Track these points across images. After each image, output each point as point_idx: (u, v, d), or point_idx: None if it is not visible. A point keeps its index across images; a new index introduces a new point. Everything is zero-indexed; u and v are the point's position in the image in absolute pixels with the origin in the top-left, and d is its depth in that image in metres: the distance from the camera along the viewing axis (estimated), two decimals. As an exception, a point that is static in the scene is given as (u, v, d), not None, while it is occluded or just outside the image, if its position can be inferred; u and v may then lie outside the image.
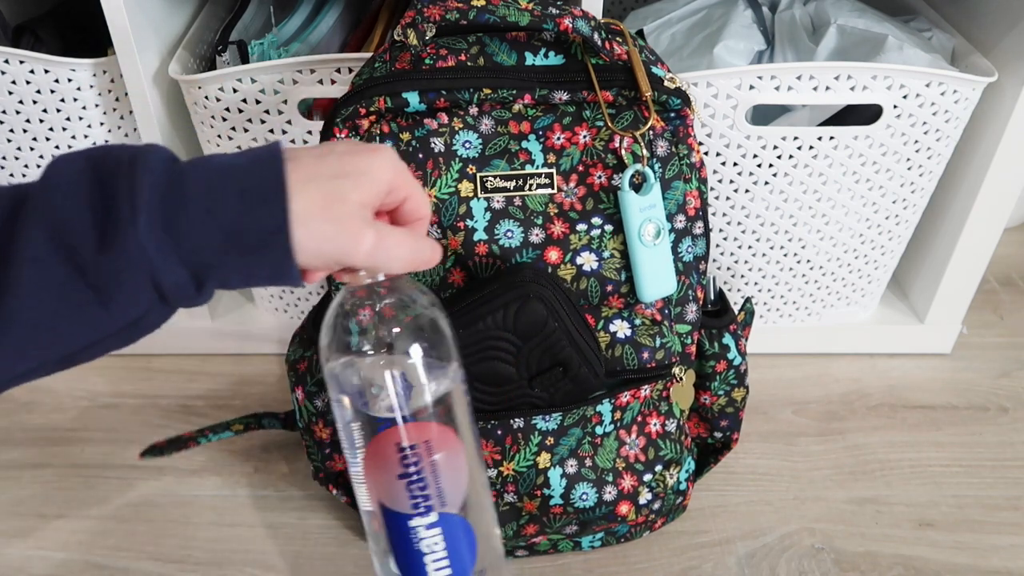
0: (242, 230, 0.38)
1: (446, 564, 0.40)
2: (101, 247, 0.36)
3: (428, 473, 0.40)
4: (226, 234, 0.38)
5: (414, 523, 0.40)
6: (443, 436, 0.41)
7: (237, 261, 0.39)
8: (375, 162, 0.42)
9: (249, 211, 0.38)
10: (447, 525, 0.40)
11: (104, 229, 0.36)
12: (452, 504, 0.41)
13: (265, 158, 0.39)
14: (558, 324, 0.57)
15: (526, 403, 0.59)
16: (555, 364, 0.57)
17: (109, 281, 0.36)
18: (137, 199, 0.36)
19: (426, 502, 0.40)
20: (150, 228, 0.36)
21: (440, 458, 0.41)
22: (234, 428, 0.76)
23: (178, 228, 0.37)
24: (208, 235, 0.38)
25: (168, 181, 0.37)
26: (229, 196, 0.38)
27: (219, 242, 0.38)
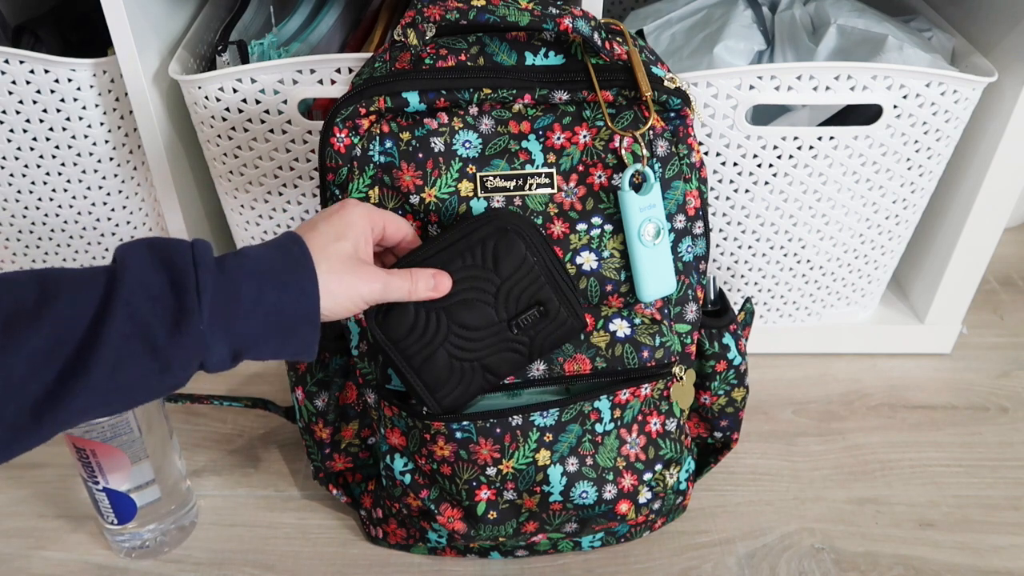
0: (281, 319, 0.48)
1: (111, 511, 0.68)
2: (173, 333, 0.44)
3: (94, 464, 0.65)
4: (268, 323, 0.47)
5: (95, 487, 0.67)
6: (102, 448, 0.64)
7: (272, 342, 0.48)
8: (351, 212, 0.53)
9: (289, 303, 0.48)
10: (111, 494, 0.67)
11: (177, 319, 0.44)
12: (116, 483, 0.66)
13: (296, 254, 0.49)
14: (536, 259, 0.56)
15: (508, 350, 0.57)
16: (534, 304, 0.56)
17: (174, 359, 0.45)
18: (203, 295, 0.45)
19: (93, 479, 0.66)
20: (212, 319, 0.45)
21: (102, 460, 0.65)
22: (243, 401, 0.79)
23: (232, 318, 0.46)
24: (254, 323, 0.47)
25: (224, 278, 0.46)
26: (271, 290, 0.47)
27: (263, 326, 0.47)
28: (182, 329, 0.44)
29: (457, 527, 0.64)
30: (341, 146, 0.60)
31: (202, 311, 0.45)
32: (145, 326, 0.44)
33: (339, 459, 0.71)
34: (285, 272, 0.48)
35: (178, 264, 0.45)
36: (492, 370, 0.57)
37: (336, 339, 0.66)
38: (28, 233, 0.86)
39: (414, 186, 0.60)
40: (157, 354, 0.44)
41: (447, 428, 0.60)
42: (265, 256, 0.48)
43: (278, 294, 0.47)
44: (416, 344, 0.56)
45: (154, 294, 0.44)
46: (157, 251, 0.46)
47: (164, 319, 0.44)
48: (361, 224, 0.53)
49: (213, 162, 0.79)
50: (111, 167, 0.81)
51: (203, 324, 0.45)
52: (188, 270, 0.45)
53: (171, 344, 0.44)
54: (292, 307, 0.48)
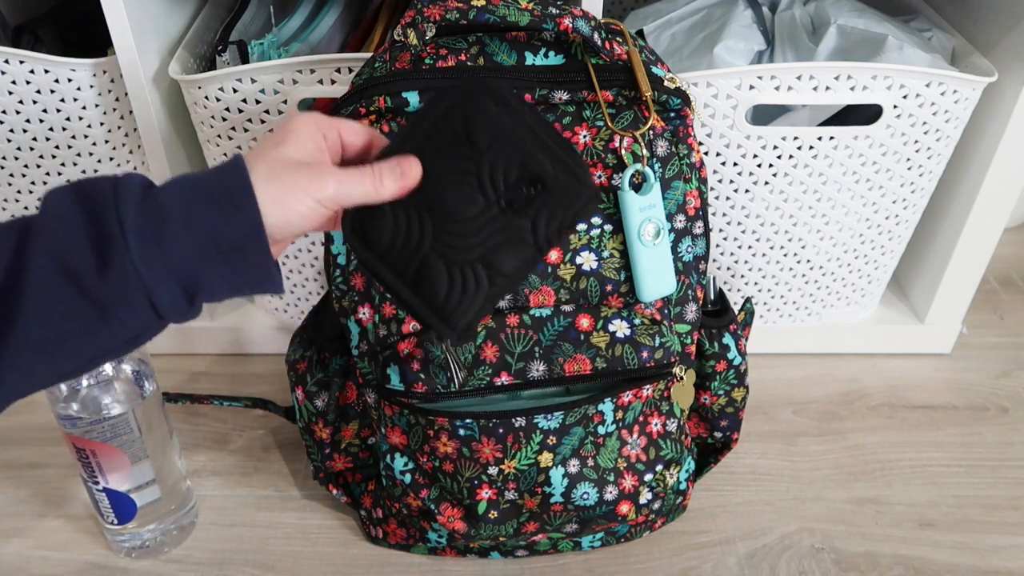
0: (220, 237, 0.42)
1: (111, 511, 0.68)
2: (100, 270, 0.40)
3: (94, 465, 0.65)
4: (207, 243, 0.42)
5: (95, 487, 0.67)
6: (102, 448, 0.64)
7: (222, 268, 0.42)
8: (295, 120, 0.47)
9: (224, 219, 0.42)
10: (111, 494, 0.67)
11: (100, 252, 0.40)
12: (116, 483, 0.66)
13: (228, 168, 0.43)
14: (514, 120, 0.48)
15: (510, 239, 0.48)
16: (525, 175, 0.48)
17: (109, 300, 0.40)
18: (125, 222, 0.40)
19: (93, 479, 0.66)
20: (140, 246, 0.40)
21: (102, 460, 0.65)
22: (243, 401, 0.79)
23: (163, 244, 0.41)
24: (191, 246, 0.41)
25: (148, 204, 0.41)
26: (202, 208, 0.42)
27: (202, 252, 0.41)
28: (108, 262, 0.40)
29: (457, 527, 0.64)
30: (341, 146, 0.60)
31: (126, 240, 0.40)
32: (67, 263, 0.40)
33: (339, 459, 0.71)
34: (215, 186, 0.42)
35: (97, 195, 0.41)
36: (497, 268, 0.48)
37: (336, 339, 0.66)
38: (28, 233, 0.86)
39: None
40: (88, 295, 0.40)
41: (450, 424, 0.60)
42: (194, 176, 0.43)
43: (208, 210, 0.42)
44: (403, 253, 0.48)
45: (73, 228, 0.40)
46: (78, 186, 0.42)
47: (86, 253, 0.40)
48: (307, 129, 0.47)
49: (213, 162, 0.79)
50: (111, 167, 0.81)
51: (132, 255, 0.40)
52: (108, 198, 0.40)
53: (101, 281, 0.40)
54: (230, 224, 0.42)
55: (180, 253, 0.41)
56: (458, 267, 0.48)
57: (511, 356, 0.59)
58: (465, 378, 0.58)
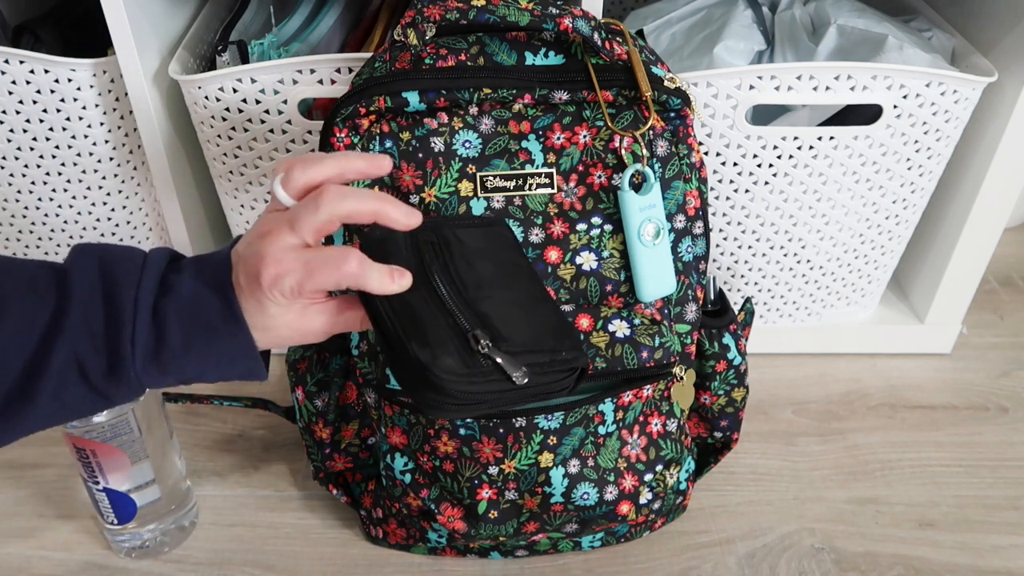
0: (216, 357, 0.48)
1: (111, 511, 0.68)
2: (108, 375, 0.47)
3: (94, 465, 0.66)
4: (202, 360, 0.48)
5: (95, 487, 0.67)
6: (102, 448, 0.65)
7: (213, 374, 0.49)
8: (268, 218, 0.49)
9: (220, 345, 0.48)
10: (111, 494, 0.67)
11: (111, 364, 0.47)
12: (116, 483, 0.67)
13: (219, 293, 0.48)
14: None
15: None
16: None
17: (114, 393, 0.48)
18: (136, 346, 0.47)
19: (93, 479, 0.67)
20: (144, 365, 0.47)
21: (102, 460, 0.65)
22: (243, 401, 0.79)
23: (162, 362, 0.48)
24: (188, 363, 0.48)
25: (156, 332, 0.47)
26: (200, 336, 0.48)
27: (197, 365, 0.48)
28: (115, 373, 0.47)
29: (457, 526, 0.64)
30: (341, 146, 0.60)
31: (135, 360, 0.47)
32: (82, 364, 0.47)
33: (339, 459, 0.71)
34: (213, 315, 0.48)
35: (118, 303, 0.47)
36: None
37: (336, 339, 0.66)
38: (28, 233, 0.86)
39: (414, 186, 0.60)
40: (96, 389, 0.48)
41: (451, 423, 0.60)
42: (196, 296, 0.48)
43: (207, 339, 0.48)
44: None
45: (93, 334, 0.47)
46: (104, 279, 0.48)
47: (99, 362, 0.47)
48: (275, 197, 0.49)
49: (213, 162, 0.79)
50: (111, 167, 0.81)
51: (136, 371, 0.47)
52: (127, 314, 0.47)
53: (107, 383, 0.47)
54: (224, 348, 0.48)
55: (178, 367, 0.48)
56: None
57: (511, 356, 0.59)
58: None
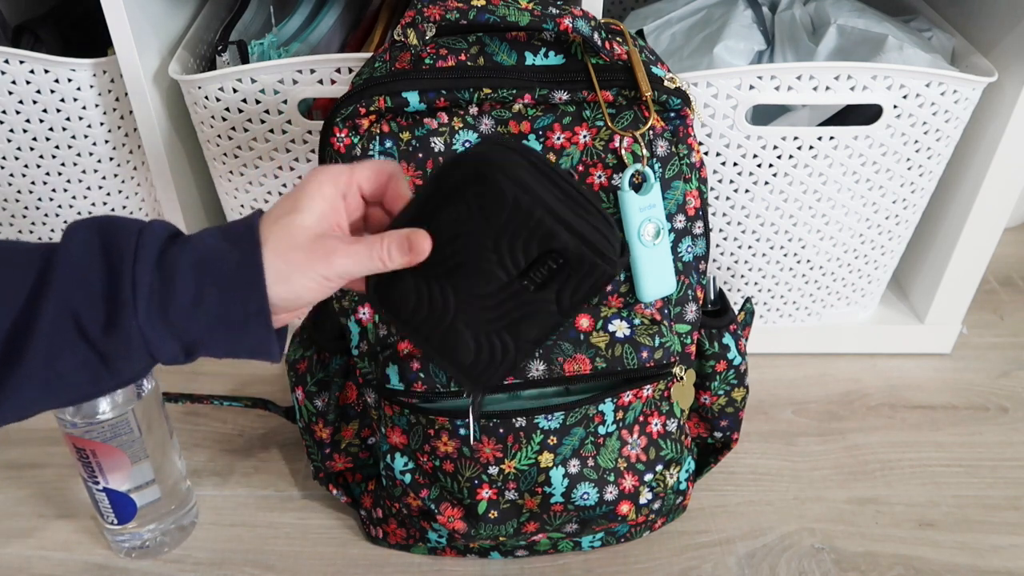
0: (227, 315, 0.44)
1: (111, 511, 0.68)
2: (107, 329, 0.42)
3: (94, 465, 0.65)
4: (213, 318, 0.44)
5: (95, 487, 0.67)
6: (102, 448, 0.64)
7: (223, 339, 0.45)
8: (312, 183, 0.46)
9: (232, 301, 0.43)
10: (111, 494, 0.67)
11: (111, 312, 0.42)
12: (116, 483, 0.66)
13: (244, 243, 0.44)
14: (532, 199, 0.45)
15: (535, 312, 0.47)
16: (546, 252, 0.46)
17: (113, 353, 0.43)
18: (138, 288, 0.42)
19: (93, 479, 0.66)
20: (148, 315, 0.42)
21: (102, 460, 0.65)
22: (243, 401, 0.79)
23: (171, 315, 0.43)
24: (197, 320, 0.43)
25: (163, 273, 0.43)
26: (213, 288, 0.43)
27: (206, 324, 0.44)
28: (116, 324, 0.42)
29: (457, 526, 0.64)
30: (341, 146, 0.60)
31: (136, 307, 0.42)
32: (78, 317, 0.42)
33: (339, 459, 0.71)
34: (228, 267, 0.44)
35: (118, 254, 0.43)
36: (523, 336, 0.48)
37: (336, 339, 0.66)
38: (28, 233, 0.86)
39: (414, 185, 0.60)
40: (94, 347, 0.43)
41: (451, 424, 0.60)
42: (210, 247, 0.44)
43: (218, 291, 0.43)
44: (428, 320, 0.48)
45: (88, 284, 0.42)
46: (101, 231, 0.44)
47: (98, 311, 0.42)
48: (324, 193, 0.46)
49: (213, 162, 0.79)
50: (111, 167, 0.81)
51: (138, 321, 0.42)
52: (127, 262, 0.42)
53: (108, 337, 0.42)
54: (237, 304, 0.44)
55: (186, 324, 0.43)
56: (484, 335, 0.48)
57: (511, 356, 0.59)
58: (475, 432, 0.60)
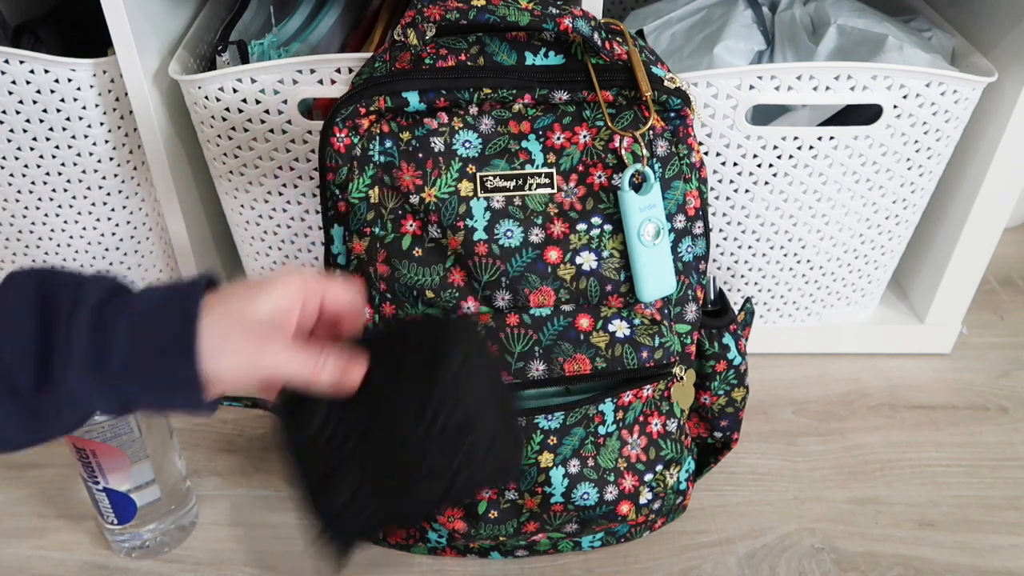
0: (159, 378, 0.43)
1: (111, 511, 0.68)
2: (39, 387, 0.41)
3: (94, 465, 0.65)
4: (146, 381, 0.43)
5: (95, 487, 0.67)
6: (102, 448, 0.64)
7: (155, 400, 0.45)
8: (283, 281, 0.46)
9: (165, 367, 0.43)
10: (111, 494, 0.67)
11: (41, 373, 0.41)
12: (116, 483, 0.66)
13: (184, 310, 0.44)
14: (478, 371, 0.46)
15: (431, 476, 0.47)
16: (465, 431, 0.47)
17: (43, 410, 0.42)
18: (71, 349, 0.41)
19: (93, 479, 0.66)
20: (81, 373, 0.42)
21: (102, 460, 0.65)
22: (243, 401, 0.78)
23: (104, 373, 0.42)
24: (131, 380, 0.43)
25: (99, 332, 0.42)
26: (148, 351, 0.43)
27: (139, 384, 0.43)
28: (48, 382, 0.41)
29: (457, 526, 0.64)
30: (341, 146, 0.60)
31: (69, 365, 0.41)
32: (10, 374, 0.41)
33: (339, 459, 0.71)
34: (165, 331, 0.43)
35: (55, 310, 0.42)
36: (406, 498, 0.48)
37: (336, 339, 0.66)
38: (28, 233, 0.86)
39: (414, 186, 0.60)
40: (24, 403, 0.42)
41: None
42: (150, 310, 0.44)
43: (153, 356, 0.43)
44: (319, 454, 0.47)
45: (21, 341, 0.41)
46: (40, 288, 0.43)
47: (28, 371, 0.41)
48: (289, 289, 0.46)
49: (213, 162, 0.79)
50: (111, 167, 0.81)
51: (71, 379, 0.41)
52: (61, 319, 0.41)
53: (37, 396, 0.42)
54: (170, 371, 0.43)
55: (119, 382, 0.43)
56: (367, 486, 0.47)
57: (511, 356, 0.59)
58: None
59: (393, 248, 0.61)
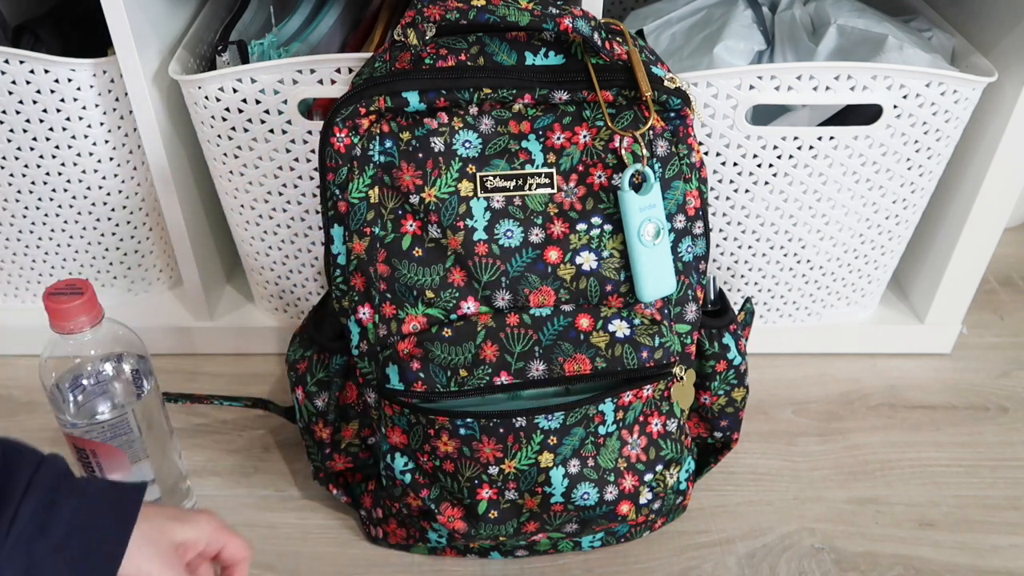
0: (80, 565, 0.46)
1: None
2: None
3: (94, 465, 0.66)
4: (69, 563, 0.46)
5: None
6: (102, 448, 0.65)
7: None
8: (201, 521, 0.54)
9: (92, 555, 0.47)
10: None
11: None
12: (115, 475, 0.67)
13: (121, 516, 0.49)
14: None
15: None
16: None
17: None
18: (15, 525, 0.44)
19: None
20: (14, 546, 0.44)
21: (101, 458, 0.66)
22: (243, 401, 0.79)
23: (33, 551, 0.45)
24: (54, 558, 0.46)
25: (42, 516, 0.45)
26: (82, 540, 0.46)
27: (62, 563, 0.46)
28: None
29: (457, 526, 0.64)
30: (341, 146, 0.60)
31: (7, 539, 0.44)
32: None
33: (339, 459, 0.71)
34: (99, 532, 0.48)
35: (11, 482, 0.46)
36: None
37: (336, 339, 0.66)
38: (28, 233, 0.86)
39: (414, 186, 0.60)
40: None
41: (451, 423, 0.60)
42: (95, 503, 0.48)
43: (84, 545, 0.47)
44: None
45: None
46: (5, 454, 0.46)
47: None
48: (200, 528, 0.54)
49: (213, 162, 0.79)
50: (111, 167, 0.81)
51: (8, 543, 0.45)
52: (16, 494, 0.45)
53: None
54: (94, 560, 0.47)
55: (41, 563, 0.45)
56: None
57: (511, 356, 0.59)
58: None
59: (393, 248, 0.61)
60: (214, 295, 0.92)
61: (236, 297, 0.94)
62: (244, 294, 0.95)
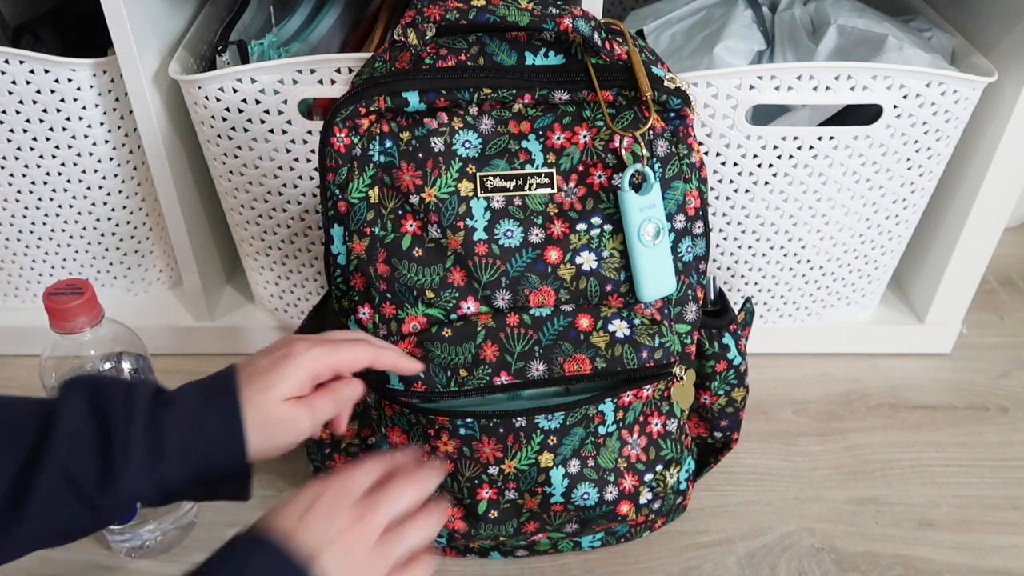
0: (209, 471, 0.49)
1: None
2: (102, 488, 0.46)
3: None
4: (197, 473, 0.48)
5: None
6: None
7: (202, 492, 0.50)
8: (292, 362, 0.52)
9: (216, 458, 0.49)
10: None
11: (105, 472, 0.46)
12: None
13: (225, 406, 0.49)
14: None
15: None
16: None
17: (104, 506, 0.47)
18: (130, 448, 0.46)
19: None
20: (138, 473, 0.46)
21: None
22: None
23: (158, 471, 0.47)
24: (182, 475, 0.48)
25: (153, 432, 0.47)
26: (200, 445, 0.48)
27: (191, 477, 0.48)
28: (110, 484, 0.46)
29: (457, 526, 0.64)
30: (341, 146, 0.60)
31: (128, 467, 0.46)
32: (75, 479, 0.46)
33: (339, 459, 0.71)
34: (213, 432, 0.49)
35: (109, 417, 0.47)
36: None
37: (336, 339, 0.66)
38: (28, 233, 0.86)
39: (414, 186, 0.60)
40: (86, 501, 0.46)
41: (451, 423, 0.60)
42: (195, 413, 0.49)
43: (206, 451, 0.48)
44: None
45: (84, 447, 0.46)
46: (92, 399, 0.47)
47: (93, 472, 0.46)
48: (298, 375, 0.52)
49: (213, 162, 0.79)
50: (111, 167, 0.81)
51: (130, 478, 0.46)
52: (119, 425, 0.46)
53: (101, 494, 0.46)
54: (219, 461, 0.49)
55: (171, 478, 0.48)
56: None
57: (511, 356, 0.59)
58: None
59: (393, 248, 0.61)
60: (214, 295, 0.92)
61: (236, 297, 0.94)
62: (244, 294, 0.95)
